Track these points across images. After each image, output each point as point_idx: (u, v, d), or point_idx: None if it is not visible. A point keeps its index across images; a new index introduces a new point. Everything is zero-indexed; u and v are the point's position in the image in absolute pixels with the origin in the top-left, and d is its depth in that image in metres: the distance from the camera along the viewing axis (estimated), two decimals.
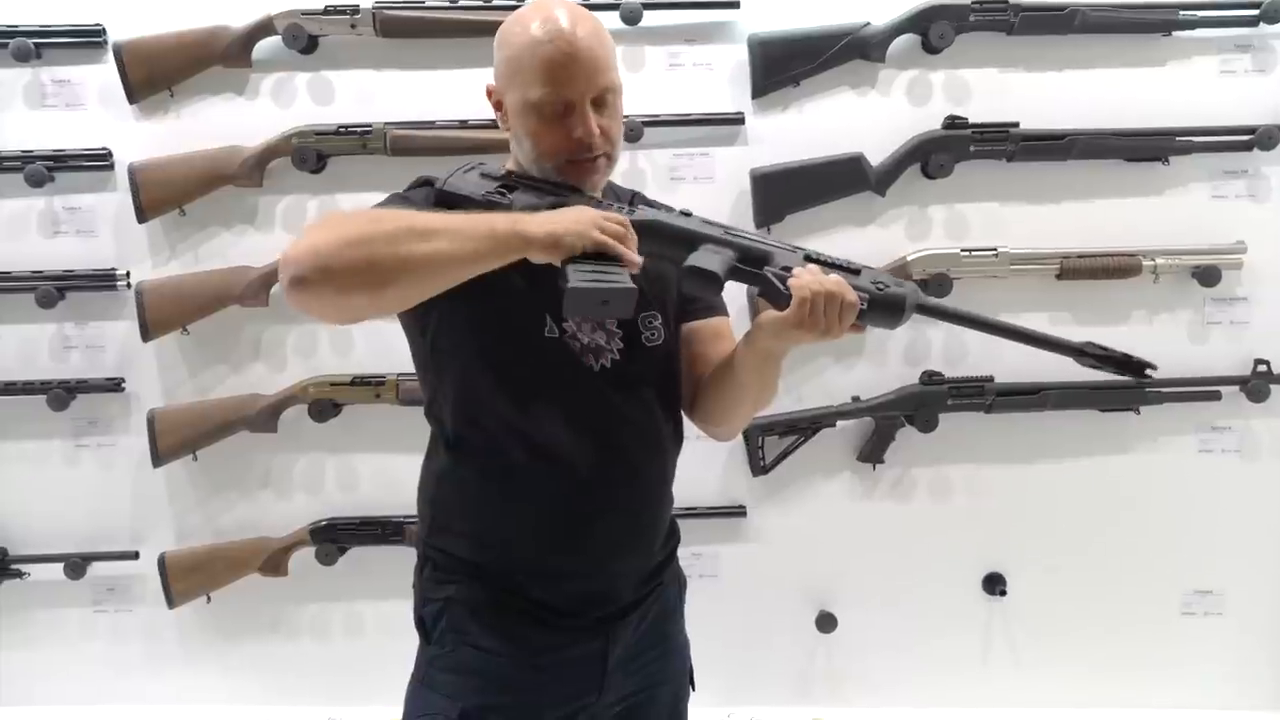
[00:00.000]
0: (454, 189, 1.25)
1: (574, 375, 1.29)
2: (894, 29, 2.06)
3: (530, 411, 1.28)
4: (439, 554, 1.36)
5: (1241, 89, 2.10)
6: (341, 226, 1.11)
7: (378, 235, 1.09)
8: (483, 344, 1.27)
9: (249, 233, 2.15)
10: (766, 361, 1.28)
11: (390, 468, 2.19)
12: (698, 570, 2.19)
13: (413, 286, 1.11)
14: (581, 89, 1.22)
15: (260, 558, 2.17)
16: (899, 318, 1.20)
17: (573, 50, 1.21)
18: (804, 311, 1.16)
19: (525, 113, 1.24)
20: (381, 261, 1.07)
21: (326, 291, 1.08)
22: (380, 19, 2.03)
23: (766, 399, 1.37)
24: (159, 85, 2.09)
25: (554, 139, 1.24)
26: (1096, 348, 1.20)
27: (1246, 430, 2.18)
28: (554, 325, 1.28)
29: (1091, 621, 2.22)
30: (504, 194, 1.23)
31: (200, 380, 2.18)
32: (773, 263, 1.21)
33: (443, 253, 1.09)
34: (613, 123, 1.27)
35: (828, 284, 1.16)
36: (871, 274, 1.22)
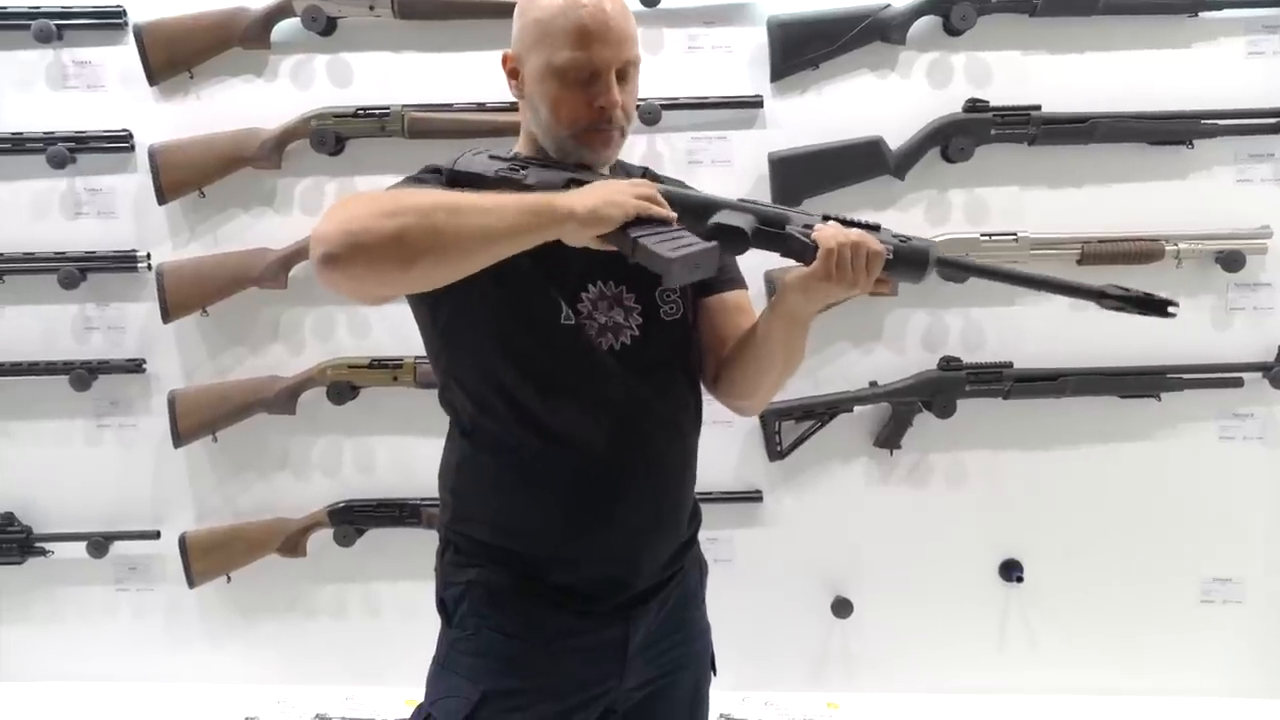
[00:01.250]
0: (465, 168, 1.25)
1: (591, 360, 1.28)
2: (915, 10, 2.04)
3: (547, 399, 1.27)
4: (461, 538, 1.36)
5: (1269, 71, 2.07)
6: (372, 202, 1.10)
7: (411, 208, 1.08)
8: (497, 334, 1.27)
9: (267, 215, 2.15)
10: (794, 325, 1.27)
11: (407, 450, 2.20)
12: (714, 555, 2.13)
13: (444, 263, 1.11)
14: (609, 57, 1.23)
15: (279, 538, 2.19)
16: (923, 269, 1.20)
17: (605, 17, 1.22)
18: (831, 263, 1.15)
19: (547, 77, 1.24)
20: (414, 235, 1.07)
21: (358, 266, 1.07)
22: (398, 1, 2.03)
23: (794, 366, 1.35)
24: (179, 67, 2.09)
25: (574, 105, 1.24)
26: (1117, 288, 1.19)
27: (1269, 417, 2.16)
28: (570, 311, 1.27)
29: (1109, 609, 2.21)
30: (517, 170, 1.23)
31: (220, 362, 2.20)
32: (793, 224, 1.22)
33: (477, 227, 1.09)
34: (630, 98, 1.28)
35: (851, 234, 1.17)
36: (890, 231, 1.22)
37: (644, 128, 2.06)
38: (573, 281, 1.29)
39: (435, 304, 1.27)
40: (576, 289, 1.29)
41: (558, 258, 1.20)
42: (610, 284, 1.31)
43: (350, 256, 1.06)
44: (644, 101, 2.03)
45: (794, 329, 1.27)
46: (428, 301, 1.28)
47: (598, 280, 1.30)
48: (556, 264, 1.25)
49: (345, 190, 2.14)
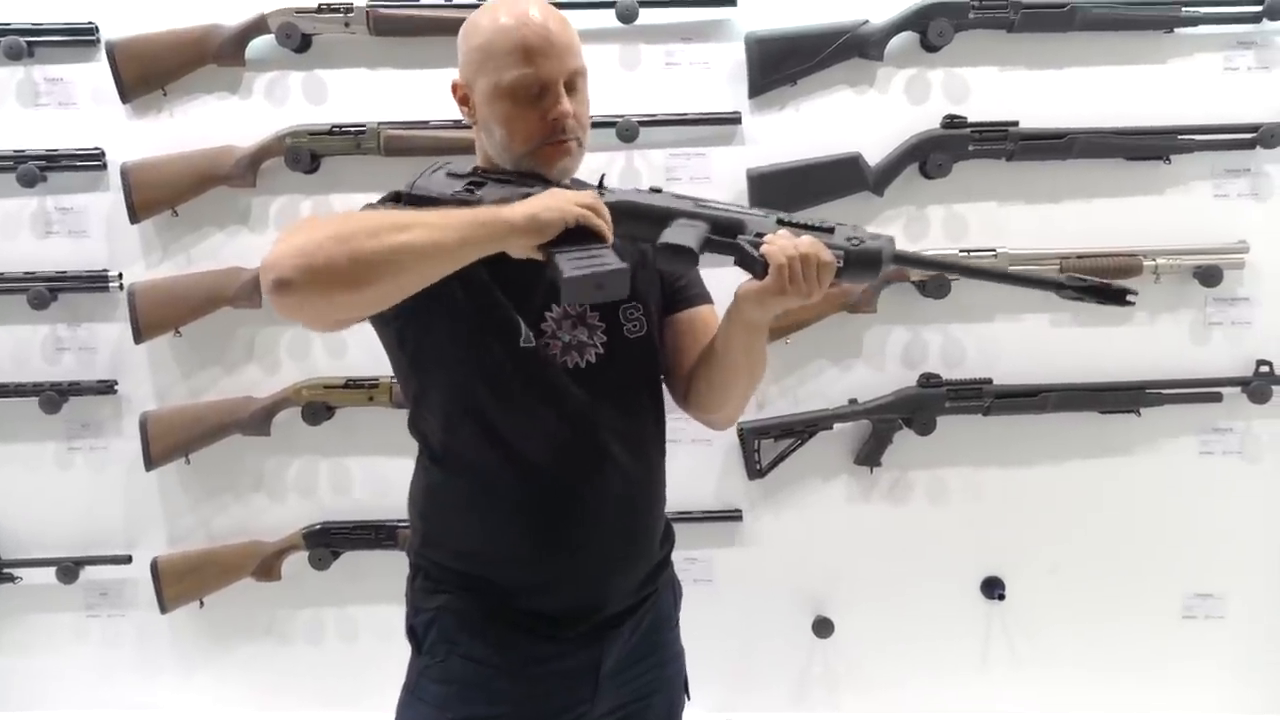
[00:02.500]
0: (422, 191, 1.25)
1: (554, 382, 1.28)
2: (892, 27, 2.04)
3: (512, 424, 1.27)
4: (430, 564, 1.35)
5: (1244, 86, 2.08)
6: (320, 226, 1.10)
7: (358, 230, 1.08)
8: (458, 360, 1.27)
9: (242, 233, 2.13)
10: (752, 334, 1.27)
11: (384, 471, 2.17)
12: (693, 575, 2.17)
13: (396, 279, 1.10)
14: (555, 69, 1.24)
15: (253, 562, 2.16)
16: (876, 270, 1.19)
17: (546, 32, 1.24)
18: (783, 278, 1.15)
19: (497, 98, 1.25)
20: (363, 255, 1.06)
21: (310, 291, 1.06)
22: (374, 17, 2.02)
23: (758, 374, 1.35)
24: (152, 84, 2.07)
25: (528, 122, 1.25)
26: (1076, 279, 1.19)
27: (1248, 432, 2.16)
28: (529, 334, 1.27)
29: (1091, 625, 2.20)
30: (472, 190, 1.23)
31: (193, 383, 2.17)
32: (746, 230, 1.20)
33: (424, 242, 1.09)
34: (582, 107, 1.29)
35: (802, 246, 1.15)
36: (846, 230, 1.21)
37: (622, 144, 2.05)
38: (537, 302, 1.29)
39: (400, 330, 1.27)
40: (541, 309, 1.29)
41: (522, 280, 1.20)
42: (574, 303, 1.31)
43: (302, 281, 1.05)
44: (622, 118, 2.03)
45: (752, 337, 1.27)
46: (393, 327, 1.28)
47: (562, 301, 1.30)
48: (520, 286, 1.25)
49: (321, 209, 2.12)
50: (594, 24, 2.01)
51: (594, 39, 2.02)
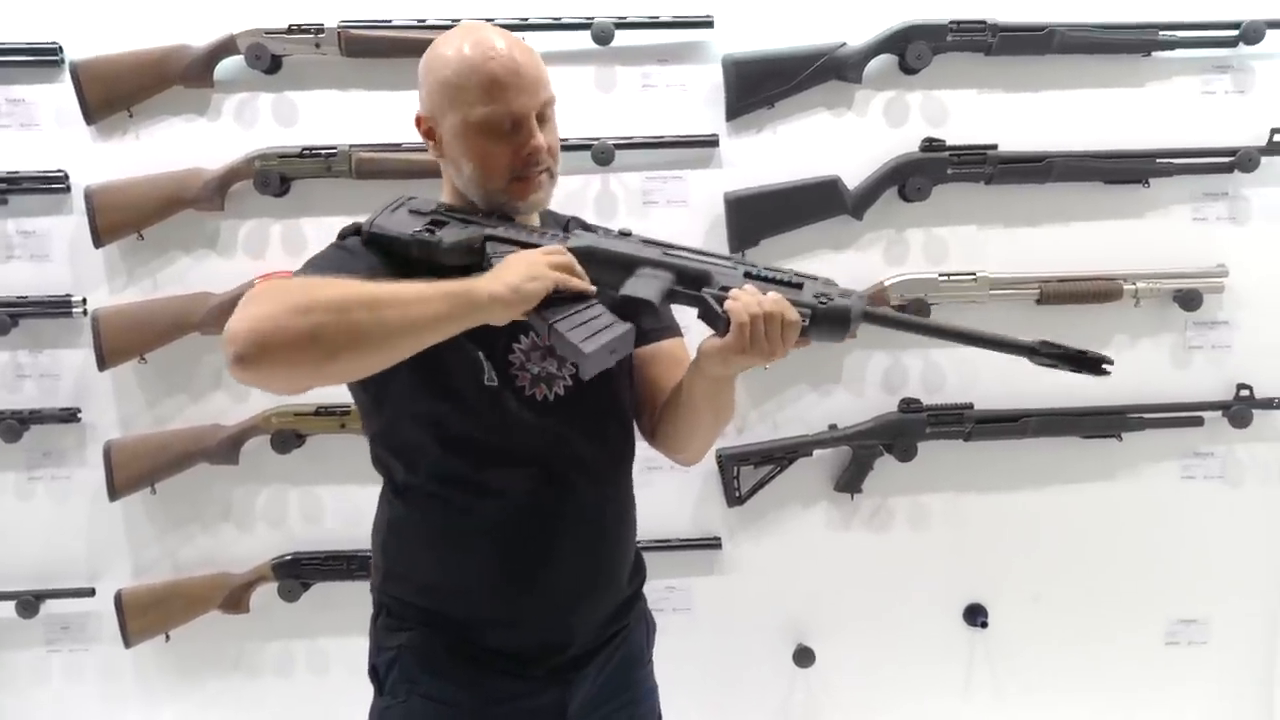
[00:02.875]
0: (381, 230, 1.22)
1: (521, 416, 1.26)
2: (870, 49, 2.03)
3: (477, 459, 1.25)
4: (392, 601, 1.33)
5: (1222, 110, 2.08)
6: (284, 295, 1.05)
7: (325, 304, 1.04)
8: (423, 400, 1.24)
9: (210, 258, 2.08)
10: (717, 386, 1.24)
11: (355, 499, 2.12)
12: (671, 604, 2.14)
13: (363, 359, 1.08)
14: (527, 103, 1.21)
15: (221, 594, 2.10)
16: (844, 331, 1.16)
17: (514, 65, 1.21)
18: (744, 337, 1.12)
19: (468, 134, 1.22)
20: (329, 333, 1.03)
21: (270, 366, 1.03)
22: (345, 38, 1.98)
23: (724, 421, 1.34)
24: (117, 105, 2.02)
25: (501, 157, 1.22)
26: (1050, 346, 1.15)
27: (1229, 456, 2.15)
28: (493, 373, 1.24)
29: (1075, 653, 2.18)
30: (432, 230, 1.20)
31: (159, 410, 2.11)
32: (711, 282, 1.18)
33: (398, 321, 1.06)
34: (553, 138, 1.27)
35: (766, 304, 1.13)
36: (815, 285, 1.18)
37: (597, 168, 2.02)
38: (504, 335, 1.26)
39: None
40: (508, 341, 1.27)
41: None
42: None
43: (260, 357, 1.02)
44: (597, 141, 2.00)
45: (716, 389, 1.25)
46: None
47: (530, 331, 1.28)
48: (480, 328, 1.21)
49: (291, 232, 2.08)
50: (569, 46, 1.98)
51: (569, 61, 2.01)
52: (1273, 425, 2.13)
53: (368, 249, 1.24)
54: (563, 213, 1.42)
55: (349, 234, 1.28)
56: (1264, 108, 2.07)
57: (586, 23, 1.98)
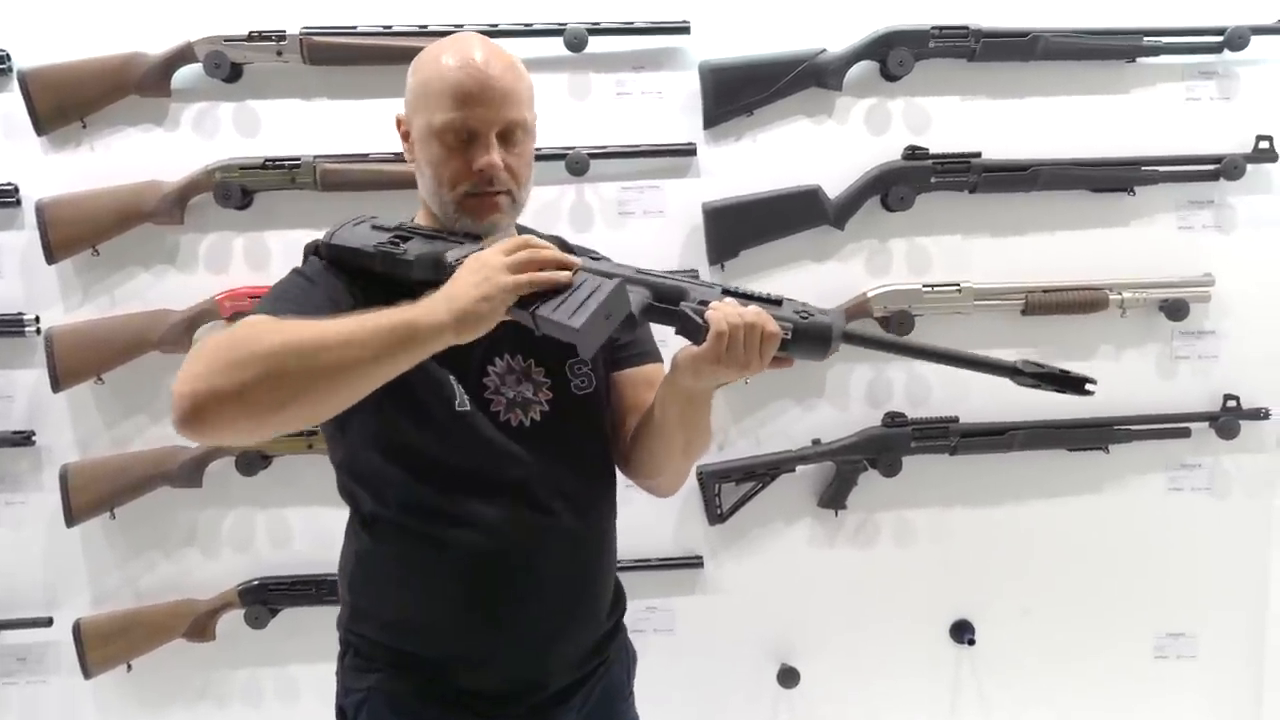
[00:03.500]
0: (341, 243, 1.18)
1: (495, 443, 1.21)
2: (851, 56, 1.98)
3: (449, 488, 1.20)
4: (360, 640, 1.28)
5: (1207, 117, 2.05)
6: (217, 353, 1.00)
7: (257, 357, 0.98)
8: (391, 427, 1.19)
9: (169, 273, 2.00)
10: (691, 404, 1.19)
11: (324, 522, 2.04)
12: (652, 625, 2.08)
13: (307, 407, 1.02)
14: (488, 117, 1.17)
15: (185, 622, 2.03)
16: (825, 348, 1.13)
17: (483, 77, 1.17)
18: (721, 345, 1.08)
19: (429, 139, 1.19)
20: (263, 389, 0.98)
21: (214, 428, 0.99)
22: (308, 45, 1.91)
23: (699, 447, 1.28)
24: (70, 116, 1.94)
25: (454, 168, 1.18)
26: (1033, 365, 1.12)
27: (1216, 467, 2.13)
28: (465, 398, 1.19)
29: (1063, 668, 2.15)
30: (397, 244, 1.16)
31: (118, 432, 2.03)
32: (689, 298, 1.14)
33: (335, 364, 1.00)
34: (519, 163, 1.21)
35: (746, 315, 1.09)
36: (794, 304, 1.15)
37: (572, 178, 1.96)
38: (477, 358, 1.21)
39: None
40: (482, 364, 1.22)
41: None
42: (519, 357, 1.25)
43: (200, 420, 0.97)
44: (571, 150, 1.94)
45: (689, 408, 1.20)
46: None
47: (505, 354, 1.24)
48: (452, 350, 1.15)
49: (254, 246, 2.00)
50: (542, 52, 1.92)
51: (542, 68, 1.93)
52: (1259, 436, 2.11)
53: (329, 270, 1.20)
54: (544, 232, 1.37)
55: (311, 252, 1.24)
56: (1249, 114, 2.05)
57: (559, 28, 1.92)
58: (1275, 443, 2.12)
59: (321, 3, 1.93)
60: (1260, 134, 2.02)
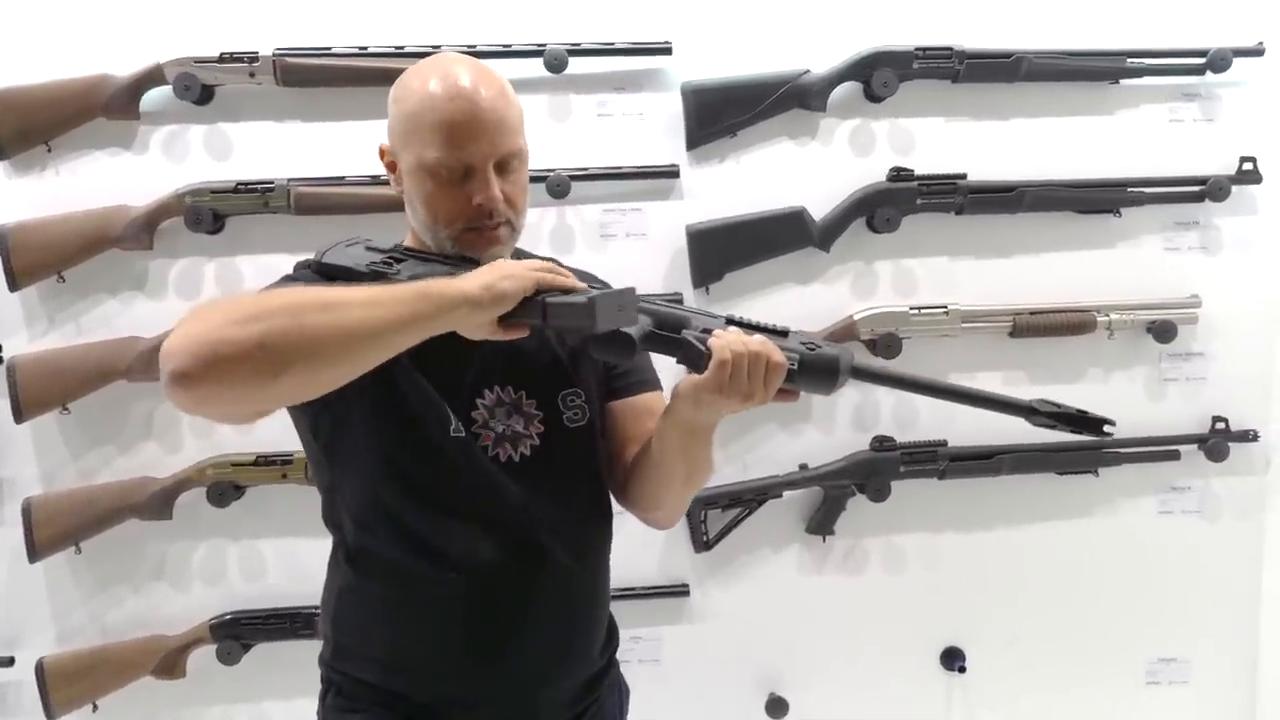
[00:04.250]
0: (334, 261, 1.14)
1: (485, 476, 1.16)
2: (835, 77, 1.96)
3: (436, 520, 1.16)
4: (343, 679, 1.23)
5: (1191, 138, 2.05)
6: (229, 307, 0.95)
7: (275, 309, 0.94)
8: (382, 451, 1.14)
9: (138, 300, 1.95)
10: (692, 436, 1.15)
11: (300, 553, 1.99)
12: (638, 655, 2.04)
13: (320, 369, 0.97)
14: (484, 152, 1.12)
15: (153, 659, 1.96)
16: (833, 381, 1.09)
17: (475, 110, 1.11)
18: (724, 374, 1.05)
19: (421, 175, 1.13)
20: (281, 340, 0.92)
21: (215, 383, 0.92)
22: (281, 67, 1.87)
23: (699, 479, 1.24)
24: (34, 139, 1.89)
25: (451, 204, 1.13)
26: (1049, 405, 1.10)
27: (1206, 490, 2.11)
28: (459, 424, 1.15)
29: (1054, 696, 2.12)
30: (390, 264, 1.12)
31: (84, 463, 1.97)
32: (691, 327, 1.11)
33: (357, 323, 0.96)
34: (516, 190, 1.17)
35: (751, 344, 1.06)
36: (801, 336, 1.12)
37: (553, 200, 1.92)
38: (467, 388, 1.17)
39: (316, 416, 1.15)
40: (471, 396, 1.17)
41: (449, 363, 1.10)
42: (509, 389, 1.20)
43: (205, 372, 0.91)
44: (552, 172, 1.91)
45: (690, 440, 1.16)
46: (308, 413, 1.15)
47: (494, 385, 1.19)
48: (448, 370, 1.14)
49: (226, 272, 1.95)
50: (521, 73, 1.89)
51: (521, 89, 1.85)
52: (1248, 458, 2.09)
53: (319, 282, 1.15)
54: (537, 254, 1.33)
55: (301, 268, 1.20)
56: (1232, 136, 2.04)
57: (539, 49, 1.89)
58: (1264, 465, 2.10)
59: (295, 23, 1.89)
60: (1244, 155, 2.01)
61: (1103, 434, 1.07)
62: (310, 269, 1.18)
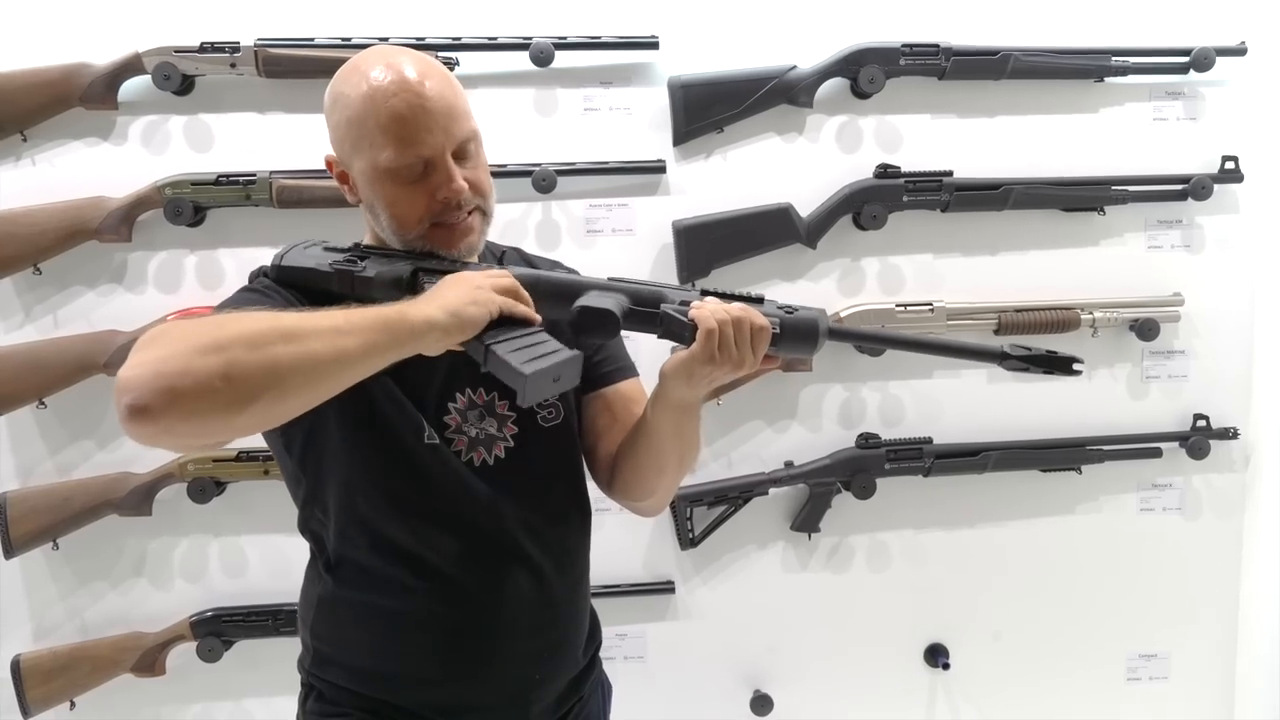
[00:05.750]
0: (294, 264, 1.11)
1: (459, 483, 1.15)
2: (822, 73, 1.95)
3: (415, 529, 1.14)
4: (325, 685, 1.21)
5: (1174, 137, 2.05)
6: (188, 334, 0.89)
7: (237, 339, 0.89)
8: (355, 461, 1.12)
9: (117, 293, 1.92)
10: (683, 414, 1.14)
11: (282, 549, 1.98)
12: (623, 652, 2.03)
13: (286, 399, 0.92)
14: (439, 142, 1.08)
15: (132, 656, 1.93)
16: (814, 343, 1.10)
17: (422, 100, 1.07)
18: (713, 343, 1.04)
19: (378, 180, 1.10)
20: (242, 373, 0.87)
21: (174, 419, 0.86)
22: (263, 58, 1.84)
23: (690, 460, 1.23)
24: (9, 128, 1.85)
25: (416, 203, 1.10)
26: (1020, 349, 1.13)
27: (1187, 487, 2.12)
28: (432, 431, 1.14)
29: (1037, 691, 2.13)
30: (355, 262, 1.10)
31: (61, 458, 1.94)
32: (668, 301, 1.10)
33: (321, 353, 0.92)
34: (480, 173, 1.14)
35: (733, 310, 1.06)
36: (776, 302, 1.13)
37: (538, 195, 1.91)
38: (436, 393, 1.15)
39: (287, 432, 1.12)
40: (443, 400, 1.16)
41: (419, 368, 1.06)
42: (480, 391, 1.18)
43: (165, 406, 0.85)
44: (538, 167, 1.89)
45: (683, 418, 1.15)
46: (279, 429, 1.11)
47: (465, 388, 1.17)
48: (418, 376, 1.11)
49: (207, 264, 1.93)
50: (506, 67, 1.87)
51: (507, 83, 1.90)
52: (1229, 456, 2.11)
53: (279, 289, 1.12)
54: (500, 243, 1.32)
55: (258, 275, 1.17)
56: (1215, 135, 2.05)
57: (524, 43, 1.87)
58: (1244, 462, 2.12)
59: (277, 14, 1.87)
60: (1226, 155, 2.02)
61: (1072, 372, 1.10)
62: (268, 276, 1.14)
